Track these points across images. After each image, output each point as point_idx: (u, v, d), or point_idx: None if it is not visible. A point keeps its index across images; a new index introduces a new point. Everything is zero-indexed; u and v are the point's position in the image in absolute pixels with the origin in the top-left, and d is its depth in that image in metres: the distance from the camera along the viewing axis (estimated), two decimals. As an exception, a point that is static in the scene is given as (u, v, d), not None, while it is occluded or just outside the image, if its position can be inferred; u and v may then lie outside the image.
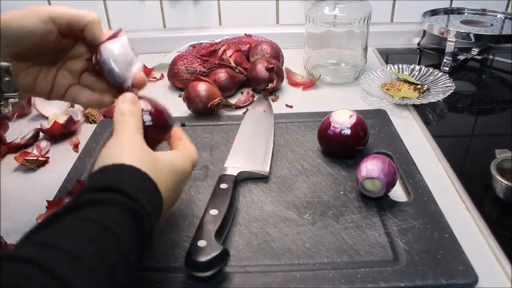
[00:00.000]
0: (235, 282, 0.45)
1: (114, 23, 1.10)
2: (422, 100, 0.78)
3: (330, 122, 0.63)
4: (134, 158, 0.40)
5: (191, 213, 0.55)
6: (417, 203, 0.55)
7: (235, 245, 0.50)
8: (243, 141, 0.67)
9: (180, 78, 0.87)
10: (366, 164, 0.55)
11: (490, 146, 0.61)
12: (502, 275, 0.47)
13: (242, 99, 0.83)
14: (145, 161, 0.40)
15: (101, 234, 0.33)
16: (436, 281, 0.44)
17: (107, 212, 0.35)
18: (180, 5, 1.08)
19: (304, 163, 0.64)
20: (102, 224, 0.34)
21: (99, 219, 0.34)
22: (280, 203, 0.56)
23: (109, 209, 0.35)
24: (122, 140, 0.42)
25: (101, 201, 0.36)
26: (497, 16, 1.03)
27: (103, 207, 0.35)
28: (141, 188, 0.38)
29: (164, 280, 0.46)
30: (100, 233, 0.33)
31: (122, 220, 0.35)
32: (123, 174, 0.39)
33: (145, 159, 0.41)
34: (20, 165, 0.67)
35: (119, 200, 0.36)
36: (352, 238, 0.50)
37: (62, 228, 0.33)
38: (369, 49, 0.95)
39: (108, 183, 0.37)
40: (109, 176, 0.38)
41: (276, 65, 0.85)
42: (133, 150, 0.41)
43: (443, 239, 0.49)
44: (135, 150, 0.41)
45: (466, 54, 0.99)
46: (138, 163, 0.40)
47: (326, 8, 0.86)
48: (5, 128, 0.77)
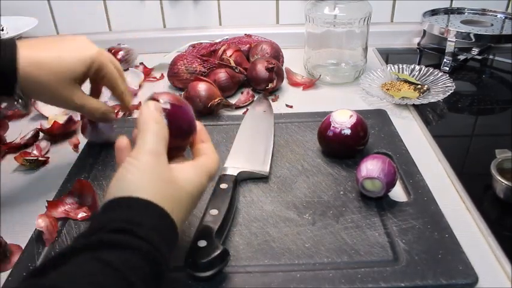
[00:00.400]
0: (235, 282, 0.45)
1: (114, 23, 1.10)
2: (422, 100, 0.78)
3: (330, 122, 0.63)
4: (153, 190, 0.38)
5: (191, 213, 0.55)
6: (417, 203, 0.55)
7: (235, 245, 0.50)
8: (243, 141, 0.67)
9: (180, 78, 0.87)
10: (366, 164, 0.55)
11: (490, 146, 0.61)
12: (502, 275, 0.47)
13: (242, 99, 0.83)
14: (164, 194, 0.39)
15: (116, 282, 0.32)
16: (436, 281, 0.44)
17: (125, 258, 0.33)
18: (180, 5, 1.08)
19: (304, 163, 0.64)
20: (121, 272, 0.32)
21: (117, 267, 0.32)
22: (280, 203, 0.56)
23: (127, 254, 0.34)
24: (140, 164, 0.39)
25: (118, 244, 0.34)
26: (497, 16, 1.03)
27: (121, 252, 0.34)
28: (159, 229, 0.37)
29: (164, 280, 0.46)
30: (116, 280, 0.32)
31: (139, 267, 0.34)
32: (140, 213, 0.37)
33: (164, 190, 0.39)
34: (20, 165, 0.67)
35: (136, 245, 0.34)
36: (352, 238, 0.50)
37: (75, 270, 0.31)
38: (369, 49, 0.95)
39: (124, 225, 0.35)
40: (124, 214, 0.37)
41: (276, 65, 0.85)
42: (152, 180, 0.39)
43: (443, 239, 0.49)
44: (154, 179, 0.39)
45: (466, 54, 0.99)
46: (157, 197, 0.38)
47: (326, 8, 0.86)
48: (5, 128, 0.77)
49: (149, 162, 0.40)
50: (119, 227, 0.35)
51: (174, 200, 0.40)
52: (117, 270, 0.32)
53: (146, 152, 0.40)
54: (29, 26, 0.96)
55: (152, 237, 0.36)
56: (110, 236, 0.35)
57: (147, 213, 0.37)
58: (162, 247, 0.36)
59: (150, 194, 0.38)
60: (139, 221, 0.36)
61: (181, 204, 0.41)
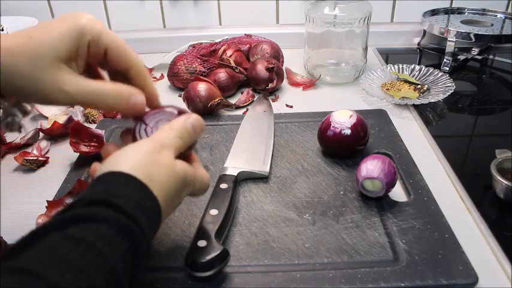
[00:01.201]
0: (235, 282, 0.45)
1: (114, 23, 1.10)
2: (422, 100, 0.78)
3: (330, 122, 0.63)
4: (135, 165, 0.37)
5: (191, 213, 0.55)
6: (417, 203, 0.55)
7: (235, 245, 0.50)
8: (243, 141, 0.67)
9: (180, 78, 0.87)
10: (366, 164, 0.55)
11: (490, 146, 0.61)
12: (502, 275, 0.47)
13: (242, 99, 0.83)
14: (146, 168, 0.37)
15: (93, 261, 0.30)
16: (436, 281, 0.44)
17: (101, 233, 0.31)
18: (180, 5, 1.08)
19: (304, 163, 0.64)
20: (95, 248, 0.30)
21: (92, 242, 0.30)
22: (280, 203, 0.56)
23: (104, 228, 0.31)
24: (139, 146, 0.39)
25: (94, 217, 0.32)
26: (497, 16, 1.03)
27: (96, 226, 0.31)
28: (140, 203, 0.35)
29: (164, 280, 0.46)
30: (93, 259, 0.30)
31: (117, 243, 0.31)
32: (120, 186, 0.35)
33: (147, 165, 0.37)
34: (20, 165, 0.67)
35: (114, 218, 0.32)
36: (352, 238, 0.50)
37: (45, 251, 0.29)
38: (369, 49, 0.95)
39: (102, 196, 0.33)
40: (104, 187, 0.35)
41: (276, 65, 0.85)
42: (136, 157, 0.38)
43: (443, 239, 0.49)
44: (139, 155, 0.38)
45: (466, 54, 0.99)
46: (138, 171, 0.36)
47: (326, 8, 0.86)
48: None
49: (148, 147, 0.39)
50: (95, 198, 0.33)
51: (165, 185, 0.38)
52: (92, 246, 0.30)
53: (150, 140, 0.40)
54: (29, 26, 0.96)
55: (132, 210, 0.33)
56: (85, 210, 0.33)
57: (127, 187, 0.35)
58: (142, 222, 0.34)
59: (137, 171, 0.36)
60: (117, 193, 0.34)
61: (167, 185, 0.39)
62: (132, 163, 0.37)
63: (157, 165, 0.38)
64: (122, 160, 0.37)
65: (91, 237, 0.31)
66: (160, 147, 0.39)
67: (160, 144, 0.40)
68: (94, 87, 0.41)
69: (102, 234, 0.31)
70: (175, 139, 0.41)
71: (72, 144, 0.66)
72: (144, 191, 0.36)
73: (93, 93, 0.40)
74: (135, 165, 0.37)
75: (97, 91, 0.41)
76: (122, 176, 0.36)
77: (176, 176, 0.40)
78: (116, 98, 0.41)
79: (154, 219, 0.37)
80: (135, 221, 0.33)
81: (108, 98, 0.41)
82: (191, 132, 0.43)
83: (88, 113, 0.80)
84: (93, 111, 0.80)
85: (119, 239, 0.32)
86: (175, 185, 0.40)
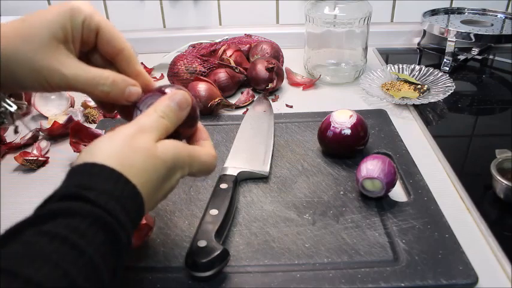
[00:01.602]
0: (235, 282, 0.45)
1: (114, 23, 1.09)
2: (422, 100, 0.78)
3: (330, 122, 0.63)
4: (109, 153, 0.35)
5: (191, 213, 0.55)
6: (417, 203, 0.55)
7: (235, 245, 0.50)
8: (243, 141, 0.67)
9: (180, 78, 0.87)
10: (366, 164, 0.55)
11: (490, 146, 0.61)
12: (502, 275, 0.47)
13: (242, 99, 0.83)
14: (121, 155, 0.35)
15: (68, 254, 0.29)
16: (436, 281, 0.44)
17: (74, 226, 0.30)
18: (180, 5, 1.08)
19: (304, 163, 0.64)
20: (69, 241, 0.29)
21: (65, 236, 0.30)
22: (280, 203, 0.56)
23: (77, 221, 0.31)
24: (116, 134, 0.37)
25: (67, 212, 0.31)
26: (497, 16, 1.03)
27: (70, 220, 0.31)
28: (114, 194, 0.33)
29: (164, 280, 0.46)
30: (67, 253, 0.29)
31: (91, 235, 0.31)
32: (93, 177, 0.34)
33: (122, 152, 0.36)
34: (20, 165, 0.67)
35: (87, 211, 0.31)
36: (352, 238, 0.50)
37: (20, 248, 0.29)
38: (369, 49, 0.95)
39: (75, 190, 0.33)
40: (77, 180, 0.34)
41: (276, 65, 0.85)
42: (111, 145, 0.36)
43: (443, 239, 0.49)
44: (114, 143, 0.36)
45: (466, 54, 0.99)
46: (113, 159, 0.35)
47: (326, 8, 0.86)
48: (5, 128, 0.77)
49: (126, 133, 0.37)
50: (68, 192, 0.33)
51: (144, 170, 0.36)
52: (66, 239, 0.30)
53: (127, 126, 0.38)
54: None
55: (105, 201, 0.32)
56: (59, 205, 0.32)
57: (100, 177, 0.34)
58: (117, 213, 0.33)
59: (112, 159, 0.35)
60: (89, 185, 0.33)
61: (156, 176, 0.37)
62: (107, 151, 0.36)
63: (133, 150, 0.36)
64: (96, 149, 0.36)
65: (65, 231, 0.30)
66: (138, 131, 0.38)
67: (139, 129, 0.38)
68: (92, 73, 0.40)
69: (76, 228, 0.30)
70: (159, 120, 0.39)
71: (72, 144, 0.66)
72: (118, 180, 0.34)
73: (91, 79, 0.40)
74: (110, 154, 0.35)
75: (95, 77, 0.40)
76: (95, 166, 0.34)
77: (157, 159, 0.37)
78: (112, 86, 0.41)
79: (135, 207, 0.35)
80: (109, 213, 0.32)
81: (104, 85, 0.40)
82: (176, 110, 0.41)
83: (88, 113, 0.80)
84: (93, 111, 0.80)
85: (93, 231, 0.31)
86: (156, 169, 0.37)
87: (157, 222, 0.53)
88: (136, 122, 0.39)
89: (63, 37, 0.39)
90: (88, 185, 0.33)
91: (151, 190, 0.37)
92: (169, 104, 0.41)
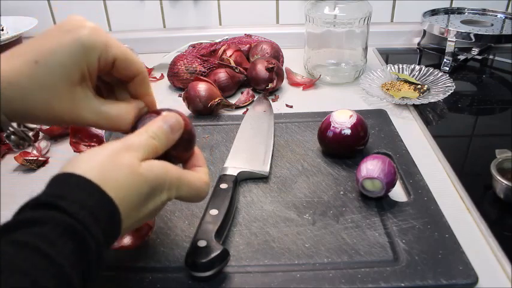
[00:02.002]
0: (235, 282, 0.45)
1: (114, 23, 1.10)
2: (422, 100, 0.78)
3: (330, 122, 0.63)
4: (91, 166, 0.35)
5: (191, 213, 0.55)
6: (417, 203, 0.55)
7: (235, 245, 0.50)
8: (243, 141, 0.67)
9: (180, 78, 0.87)
10: (366, 164, 0.55)
11: (490, 146, 0.61)
12: (502, 275, 0.47)
13: (242, 99, 0.83)
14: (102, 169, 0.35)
15: (37, 263, 0.29)
16: (436, 281, 0.44)
17: (44, 235, 0.30)
18: (180, 5, 1.08)
19: (304, 163, 0.64)
20: (38, 249, 0.29)
21: (34, 244, 0.29)
22: (280, 203, 0.56)
23: (47, 230, 0.30)
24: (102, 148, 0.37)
25: (38, 220, 0.31)
26: (497, 16, 1.03)
27: (40, 229, 0.30)
28: (87, 204, 0.33)
29: (164, 280, 0.46)
30: (37, 262, 0.29)
31: (61, 244, 0.30)
32: (68, 187, 0.33)
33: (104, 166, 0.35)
34: (20, 165, 0.67)
35: (57, 219, 0.31)
36: (352, 238, 0.50)
37: None
38: (369, 49, 0.95)
39: (49, 198, 0.32)
40: (54, 189, 0.33)
41: (276, 65, 0.85)
42: (94, 158, 0.35)
43: (443, 239, 0.49)
44: (98, 157, 0.36)
45: (466, 54, 0.99)
46: (93, 172, 0.34)
47: (326, 8, 0.86)
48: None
49: (111, 149, 0.36)
50: (42, 201, 0.32)
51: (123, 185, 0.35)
52: (35, 248, 0.29)
53: (115, 142, 0.37)
54: (29, 26, 0.96)
55: (76, 211, 0.32)
56: (32, 213, 0.32)
57: (76, 188, 0.33)
58: (89, 223, 0.32)
59: (92, 172, 0.34)
60: (64, 194, 0.32)
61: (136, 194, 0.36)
62: (89, 164, 0.35)
63: (115, 165, 0.36)
64: (78, 161, 0.35)
65: (34, 240, 0.29)
66: (125, 148, 0.37)
67: (126, 146, 0.37)
68: (113, 114, 0.41)
69: (46, 236, 0.30)
70: (148, 140, 0.39)
71: (72, 144, 0.66)
72: (93, 191, 0.34)
73: (112, 120, 0.41)
74: (91, 166, 0.35)
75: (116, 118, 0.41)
76: (73, 177, 0.34)
77: (139, 177, 0.37)
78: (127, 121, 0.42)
79: (110, 220, 0.34)
80: (80, 222, 0.32)
81: (126, 123, 0.42)
82: (167, 132, 0.40)
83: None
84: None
85: (63, 240, 0.30)
86: (137, 186, 0.36)
87: (157, 222, 0.53)
88: (125, 139, 0.38)
89: (79, 78, 0.38)
90: (62, 194, 0.32)
91: (131, 207, 0.36)
92: (161, 125, 0.40)
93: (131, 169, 0.36)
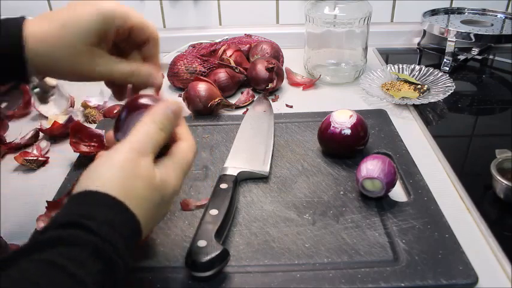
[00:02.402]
0: (235, 282, 0.45)
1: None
2: (422, 100, 0.78)
3: (330, 122, 0.63)
4: (111, 181, 0.36)
5: (191, 213, 0.55)
6: (417, 203, 0.55)
7: (235, 245, 0.50)
8: (243, 141, 0.67)
9: (180, 78, 0.87)
10: (366, 164, 0.55)
11: (490, 146, 0.61)
12: (502, 275, 0.47)
13: (242, 99, 0.83)
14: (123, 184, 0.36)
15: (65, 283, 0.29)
16: (436, 281, 0.44)
17: (72, 255, 0.30)
18: (180, 5, 1.08)
19: (304, 163, 0.64)
20: (67, 270, 0.29)
21: (63, 265, 0.29)
22: (280, 203, 0.56)
23: (75, 251, 0.31)
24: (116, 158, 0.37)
25: (65, 240, 0.31)
26: (497, 16, 1.03)
27: (68, 249, 0.31)
28: (114, 222, 0.34)
29: (164, 280, 0.46)
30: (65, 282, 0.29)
31: (89, 264, 0.31)
32: (94, 206, 0.34)
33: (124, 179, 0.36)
34: (20, 165, 0.67)
35: (86, 240, 0.32)
36: (352, 238, 0.50)
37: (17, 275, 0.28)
38: (369, 49, 0.95)
39: (76, 218, 0.33)
40: (78, 207, 0.34)
41: (276, 65, 0.85)
42: (112, 171, 0.36)
43: (443, 239, 0.49)
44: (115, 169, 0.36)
45: (466, 54, 0.99)
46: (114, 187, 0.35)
47: (326, 8, 0.86)
48: (5, 128, 0.77)
49: (127, 159, 0.37)
50: (68, 220, 0.33)
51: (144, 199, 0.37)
52: (63, 268, 0.29)
53: (127, 148, 0.38)
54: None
55: (105, 231, 0.33)
56: (58, 232, 0.32)
57: (102, 206, 0.34)
58: (117, 242, 0.33)
59: (113, 187, 0.35)
60: (90, 214, 0.33)
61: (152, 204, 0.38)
62: (108, 178, 0.36)
63: (135, 179, 0.37)
64: (99, 177, 0.36)
65: (63, 260, 0.30)
66: (137, 156, 0.38)
67: (137, 152, 0.38)
68: (124, 69, 0.46)
69: (75, 257, 0.31)
70: (157, 133, 0.40)
71: (72, 144, 0.66)
72: (119, 209, 0.35)
73: (124, 73, 0.46)
74: (111, 181, 0.36)
75: (127, 72, 0.46)
76: (97, 195, 0.35)
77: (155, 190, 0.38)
78: (138, 77, 0.46)
79: (133, 236, 0.36)
80: (109, 242, 0.33)
81: (132, 77, 0.46)
82: (172, 119, 0.42)
83: (88, 113, 0.80)
84: (93, 111, 0.80)
85: (92, 261, 0.31)
86: (153, 199, 0.38)
87: (157, 222, 0.53)
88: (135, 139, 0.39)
89: (97, 41, 0.43)
90: (89, 213, 0.33)
91: (149, 217, 0.38)
92: (166, 113, 0.41)
93: (149, 181, 0.38)
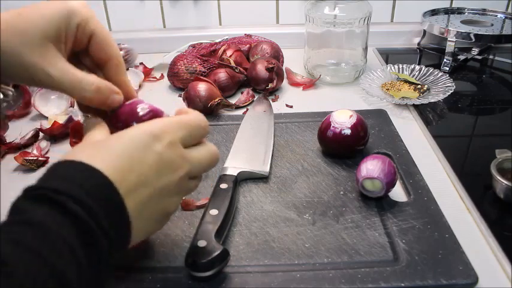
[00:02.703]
0: (235, 282, 0.45)
1: (114, 23, 1.10)
2: (422, 100, 0.78)
3: (330, 122, 0.63)
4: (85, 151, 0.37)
5: (191, 213, 0.55)
6: (417, 203, 0.55)
7: (235, 245, 0.50)
8: (243, 141, 0.67)
9: (180, 78, 0.87)
10: (366, 164, 0.55)
11: (490, 146, 0.61)
12: (502, 275, 0.47)
13: (242, 99, 0.83)
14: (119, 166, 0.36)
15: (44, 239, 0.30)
16: (436, 281, 0.44)
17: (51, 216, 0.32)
18: (180, 5, 1.08)
19: (304, 163, 0.64)
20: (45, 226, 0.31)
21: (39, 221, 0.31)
22: (280, 203, 0.56)
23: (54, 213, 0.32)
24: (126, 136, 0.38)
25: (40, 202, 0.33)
26: (497, 16, 1.03)
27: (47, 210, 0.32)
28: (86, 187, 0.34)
29: (164, 280, 0.46)
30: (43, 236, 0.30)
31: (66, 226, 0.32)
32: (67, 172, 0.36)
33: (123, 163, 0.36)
34: (20, 165, 0.67)
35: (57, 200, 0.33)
36: (352, 238, 0.50)
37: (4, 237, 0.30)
38: (369, 49, 0.95)
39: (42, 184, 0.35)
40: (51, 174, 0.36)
41: (276, 65, 0.85)
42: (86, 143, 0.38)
43: (443, 239, 0.49)
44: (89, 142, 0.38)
45: (466, 54, 0.99)
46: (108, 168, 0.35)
47: (326, 8, 0.86)
48: (5, 128, 0.77)
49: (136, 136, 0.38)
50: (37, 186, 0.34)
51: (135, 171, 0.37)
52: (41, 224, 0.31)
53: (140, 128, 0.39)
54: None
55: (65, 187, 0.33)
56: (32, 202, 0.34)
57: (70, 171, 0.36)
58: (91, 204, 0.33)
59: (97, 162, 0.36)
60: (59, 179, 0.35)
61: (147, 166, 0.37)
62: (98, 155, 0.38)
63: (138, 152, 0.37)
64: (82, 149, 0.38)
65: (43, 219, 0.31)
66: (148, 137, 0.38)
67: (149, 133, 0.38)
68: (78, 76, 0.40)
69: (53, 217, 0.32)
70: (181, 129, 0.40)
71: (72, 144, 0.66)
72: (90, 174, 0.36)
73: (76, 82, 0.40)
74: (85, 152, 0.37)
75: (80, 81, 0.40)
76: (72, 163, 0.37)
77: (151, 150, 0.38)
78: (95, 93, 0.41)
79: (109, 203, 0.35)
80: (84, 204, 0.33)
81: (88, 91, 0.41)
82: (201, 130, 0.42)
83: (88, 113, 0.80)
84: (93, 111, 0.80)
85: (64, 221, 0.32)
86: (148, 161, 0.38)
87: (157, 222, 0.53)
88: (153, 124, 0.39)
89: (55, 37, 0.39)
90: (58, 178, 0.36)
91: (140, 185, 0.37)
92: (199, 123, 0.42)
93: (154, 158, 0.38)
